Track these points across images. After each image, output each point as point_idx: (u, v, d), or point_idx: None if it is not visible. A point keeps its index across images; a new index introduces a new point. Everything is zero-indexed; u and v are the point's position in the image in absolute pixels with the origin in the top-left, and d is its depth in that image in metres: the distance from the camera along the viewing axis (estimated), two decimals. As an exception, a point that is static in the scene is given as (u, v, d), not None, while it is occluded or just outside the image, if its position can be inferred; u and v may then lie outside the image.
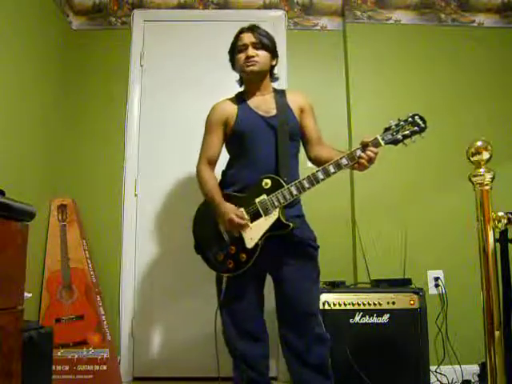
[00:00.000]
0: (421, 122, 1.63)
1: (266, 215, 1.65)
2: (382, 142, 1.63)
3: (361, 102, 2.64)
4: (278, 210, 1.65)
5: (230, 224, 1.65)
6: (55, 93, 2.54)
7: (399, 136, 1.63)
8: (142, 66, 2.71)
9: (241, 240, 1.66)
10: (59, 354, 2.17)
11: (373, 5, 2.76)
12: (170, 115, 2.67)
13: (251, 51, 1.77)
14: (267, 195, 1.66)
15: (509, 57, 2.72)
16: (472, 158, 1.33)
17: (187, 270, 2.50)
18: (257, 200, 1.67)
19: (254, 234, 1.65)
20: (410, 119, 1.64)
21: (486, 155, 1.32)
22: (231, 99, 1.87)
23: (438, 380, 2.25)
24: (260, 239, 1.65)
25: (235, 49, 1.84)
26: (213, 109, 1.87)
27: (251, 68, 1.78)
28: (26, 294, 1.25)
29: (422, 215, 2.51)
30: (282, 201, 1.64)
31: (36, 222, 1.31)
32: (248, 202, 1.68)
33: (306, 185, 1.64)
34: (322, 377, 1.67)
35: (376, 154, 1.62)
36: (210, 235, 1.74)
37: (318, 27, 2.79)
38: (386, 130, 1.65)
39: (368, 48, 2.71)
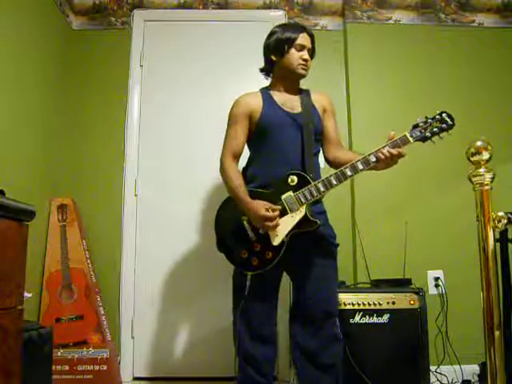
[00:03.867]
0: (448, 120, 1.63)
1: (292, 212, 1.63)
2: (411, 139, 1.62)
3: (361, 102, 2.64)
4: (304, 206, 1.63)
5: (264, 220, 1.59)
6: (55, 92, 2.54)
7: (427, 133, 1.62)
8: (141, 66, 2.71)
9: (266, 237, 1.63)
10: (59, 354, 2.17)
11: (373, 5, 2.76)
12: (169, 115, 2.66)
13: (307, 55, 1.80)
14: (293, 192, 1.64)
15: (509, 57, 2.72)
16: (472, 158, 1.33)
17: (187, 269, 2.50)
18: (283, 197, 1.64)
19: (280, 230, 1.62)
20: (437, 116, 1.63)
21: (485, 155, 1.32)
22: (256, 93, 1.84)
23: (437, 380, 2.25)
24: (286, 236, 1.62)
25: (290, 43, 1.78)
26: (237, 102, 1.82)
27: (304, 72, 1.80)
28: (25, 294, 1.25)
29: (422, 215, 2.51)
30: (309, 198, 1.63)
31: (36, 221, 1.31)
32: (273, 199, 1.65)
33: (334, 182, 1.62)
34: (331, 378, 1.66)
35: (399, 153, 1.60)
36: (233, 232, 1.69)
37: (318, 27, 2.78)
38: (414, 127, 1.64)
39: (368, 48, 2.71)
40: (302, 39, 1.79)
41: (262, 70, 1.91)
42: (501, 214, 1.30)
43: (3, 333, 1.08)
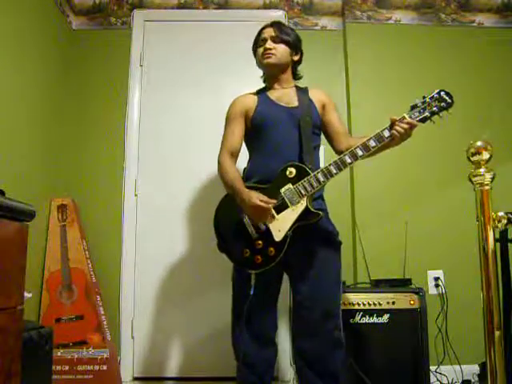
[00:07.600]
0: (447, 98, 1.58)
1: (292, 205, 1.57)
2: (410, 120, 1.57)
3: (361, 102, 2.64)
4: (305, 198, 1.57)
5: (256, 210, 1.54)
6: (55, 93, 2.54)
7: (427, 113, 1.59)
8: (141, 66, 2.71)
9: (268, 233, 1.58)
10: (59, 354, 2.17)
11: (373, 5, 2.76)
12: (169, 115, 2.67)
13: (269, 44, 1.78)
14: (292, 184, 1.59)
15: (509, 57, 2.72)
16: (472, 158, 1.34)
17: (187, 269, 2.50)
18: (282, 190, 1.59)
19: (281, 225, 1.57)
20: (435, 95, 1.60)
21: (485, 155, 1.32)
22: (252, 93, 1.85)
23: (437, 380, 2.25)
24: (289, 230, 1.57)
25: (256, 44, 1.85)
26: (233, 102, 1.84)
27: (267, 60, 1.78)
28: (25, 294, 1.25)
29: (421, 215, 2.51)
30: (309, 189, 1.57)
31: (36, 221, 1.31)
32: (273, 194, 1.59)
33: (334, 170, 1.56)
34: None
35: (408, 127, 1.55)
36: (233, 231, 1.63)
37: (318, 27, 2.79)
38: (413, 107, 1.60)
39: (368, 48, 2.71)
40: (262, 34, 1.82)
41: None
42: (501, 214, 1.30)
43: (3, 333, 1.08)
